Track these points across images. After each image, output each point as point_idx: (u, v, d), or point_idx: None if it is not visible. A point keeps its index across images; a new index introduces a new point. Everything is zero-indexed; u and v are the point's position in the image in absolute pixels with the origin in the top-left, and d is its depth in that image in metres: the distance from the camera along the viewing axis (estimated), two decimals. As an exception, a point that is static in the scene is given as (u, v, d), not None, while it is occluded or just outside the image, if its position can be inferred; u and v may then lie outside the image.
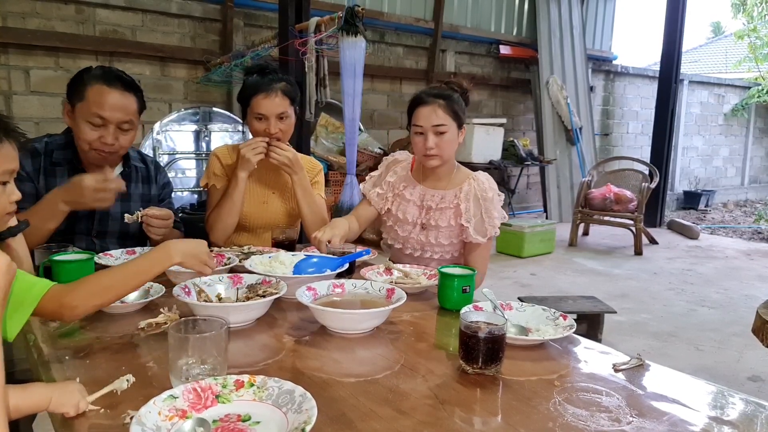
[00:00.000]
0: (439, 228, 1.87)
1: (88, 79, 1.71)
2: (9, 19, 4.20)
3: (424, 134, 1.81)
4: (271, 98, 1.92)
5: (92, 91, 1.70)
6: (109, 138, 1.72)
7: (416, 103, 1.84)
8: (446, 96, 1.82)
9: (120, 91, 1.72)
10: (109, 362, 1.06)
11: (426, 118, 1.80)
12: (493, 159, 6.11)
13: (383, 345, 1.19)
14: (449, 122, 1.80)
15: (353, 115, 3.93)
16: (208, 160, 2.09)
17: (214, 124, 4.99)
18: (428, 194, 1.91)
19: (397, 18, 6.27)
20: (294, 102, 2.00)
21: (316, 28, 3.71)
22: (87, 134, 1.72)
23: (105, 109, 1.69)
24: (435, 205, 1.89)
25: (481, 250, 1.88)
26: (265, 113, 1.93)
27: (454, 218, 1.86)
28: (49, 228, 1.64)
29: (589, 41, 8.10)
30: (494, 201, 1.85)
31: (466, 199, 1.86)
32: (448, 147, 1.82)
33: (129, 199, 1.92)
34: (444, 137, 1.80)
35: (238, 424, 0.83)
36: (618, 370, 1.08)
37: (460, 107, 1.84)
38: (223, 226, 1.96)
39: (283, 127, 1.97)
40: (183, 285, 1.32)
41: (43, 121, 4.39)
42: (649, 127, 7.76)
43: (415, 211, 1.91)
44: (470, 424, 0.88)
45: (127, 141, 1.79)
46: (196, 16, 4.98)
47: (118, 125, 1.73)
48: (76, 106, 1.72)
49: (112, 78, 1.72)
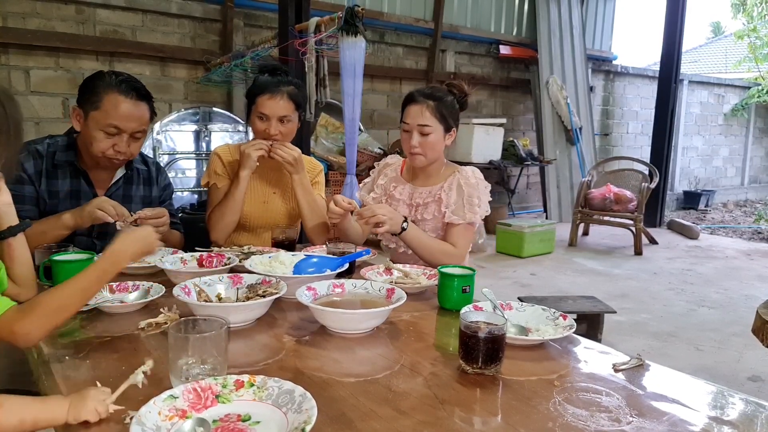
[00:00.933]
0: (425, 221, 1.91)
1: (103, 87, 1.71)
2: (9, 19, 4.20)
3: (410, 132, 1.86)
4: (276, 100, 1.92)
5: (108, 101, 1.70)
6: (122, 146, 1.74)
7: (408, 100, 1.90)
8: (438, 98, 1.85)
9: (134, 101, 1.73)
10: (109, 362, 1.06)
11: (413, 116, 1.85)
12: (493, 159, 6.11)
13: (383, 345, 1.19)
14: (435, 124, 1.84)
15: (353, 115, 3.93)
16: (209, 159, 2.09)
17: (214, 124, 4.99)
18: (416, 192, 1.96)
19: (397, 18, 6.27)
20: (299, 108, 1.99)
21: (316, 28, 3.71)
22: (101, 143, 1.73)
23: (121, 120, 1.71)
24: (422, 201, 1.94)
25: (459, 229, 1.87)
26: (267, 113, 1.93)
27: (437, 209, 1.89)
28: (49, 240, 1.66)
29: (589, 41, 8.11)
30: (478, 188, 1.88)
31: (449, 189, 1.90)
32: (432, 148, 1.87)
33: (130, 200, 1.92)
34: (428, 138, 1.84)
35: (238, 424, 0.83)
36: (618, 370, 1.08)
37: (450, 111, 1.87)
38: (224, 225, 1.96)
39: (284, 130, 1.96)
40: (183, 285, 1.32)
41: (44, 121, 4.39)
42: (649, 127, 7.76)
43: (405, 209, 1.95)
44: (470, 424, 0.88)
45: (137, 148, 1.82)
46: (196, 16, 4.98)
47: (132, 134, 1.75)
48: (90, 114, 1.72)
49: (129, 88, 1.72)
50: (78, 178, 1.83)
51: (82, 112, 1.74)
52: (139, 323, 1.22)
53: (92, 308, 1.30)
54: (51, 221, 1.68)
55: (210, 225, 2.00)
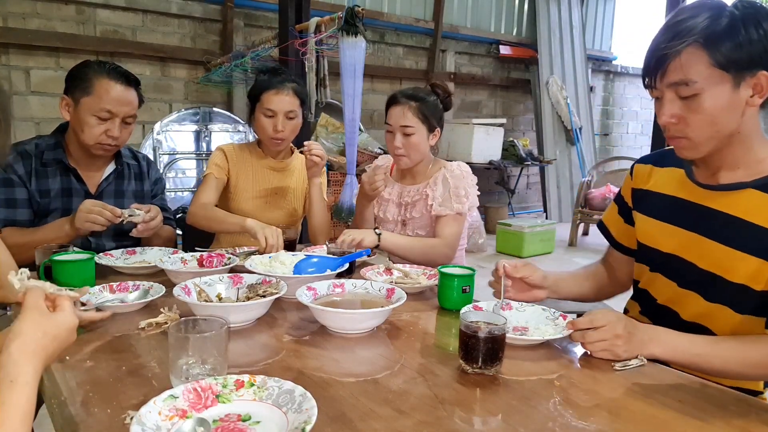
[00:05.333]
0: (414, 220, 1.93)
1: (94, 74, 1.76)
2: (9, 20, 4.20)
3: (393, 133, 1.89)
4: (282, 95, 1.94)
5: (100, 86, 1.74)
6: (115, 131, 1.78)
7: (390, 101, 1.93)
8: (420, 98, 1.87)
9: (125, 86, 1.79)
10: (109, 362, 1.05)
11: (395, 117, 1.88)
12: (492, 159, 6.11)
13: (383, 345, 1.19)
14: (417, 125, 1.86)
15: (353, 115, 3.93)
16: (213, 153, 2.09)
17: (214, 125, 4.99)
18: (405, 191, 1.99)
19: (397, 18, 6.28)
20: (303, 105, 2.03)
21: (316, 28, 3.71)
22: (94, 128, 1.76)
23: (114, 104, 1.75)
24: (411, 199, 1.96)
25: (446, 220, 1.88)
26: (275, 109, 1.94)
27: (425, 206, 1.90)
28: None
29: (589, 41, 8.11)
30: (464, 179, 1.89)
31: (434, 184, 1.92)
32: (415, 149, 1.88)
33: (122, 195, 1.93)
34: (410, 138, 1.86)
35: (238, 424, 0.83)
36: (618, 369, 1.08)
37: (432, 111, 1.88)
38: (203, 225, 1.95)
39: (291, 126, 1.98)
40: (183, 285, 1.32)
41: (44, 121, 4.39)
42: (649, 127, 7.76)
43: (395, 209, 1.98)
44: (470, 424, 0.88)
45: (128, 135, 1.85)
46: (197, 16, 4.98)
47: (123, 119, 1.79)
48: (81, 100, 1.75)
49: (118, 74, 1.79)
50: (68, 176, 1.84)
51: (72, 101, 1.77)
52: (139, 323, 1.22)
53: (93, 308, 1.30)
54: (52, 230, 1.70)
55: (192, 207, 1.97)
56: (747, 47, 1.03)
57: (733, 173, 1.16)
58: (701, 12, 1.06)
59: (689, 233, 1.21)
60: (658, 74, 1.10)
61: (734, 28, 1.03)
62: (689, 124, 1.10)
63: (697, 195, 1.21)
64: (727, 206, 1.15)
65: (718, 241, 1.15)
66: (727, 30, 1.03)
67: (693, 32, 1.04)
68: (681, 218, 1.24)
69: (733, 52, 1.03)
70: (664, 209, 1.28)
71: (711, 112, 1.07)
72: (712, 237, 1.17)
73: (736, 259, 1.12)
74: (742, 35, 1.03)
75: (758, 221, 1.10)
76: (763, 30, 1.03)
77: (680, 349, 1.09)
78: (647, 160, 1.38)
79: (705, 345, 1.10)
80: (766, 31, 1.04)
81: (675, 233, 1.24)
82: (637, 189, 1.37)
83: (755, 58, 1.04)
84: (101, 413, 0.87)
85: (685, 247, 1.22)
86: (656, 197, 1.31)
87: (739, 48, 1.03)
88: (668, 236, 1.25)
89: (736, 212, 1.14)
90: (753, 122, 1.11)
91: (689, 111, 1.09)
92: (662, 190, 1.30)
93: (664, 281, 1.27)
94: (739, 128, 1.10)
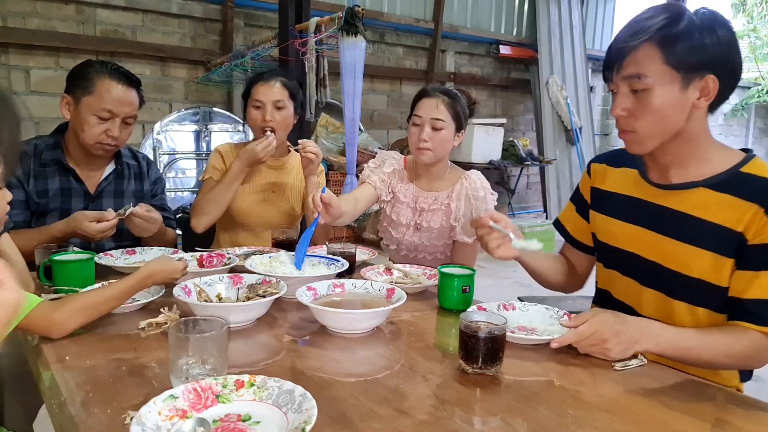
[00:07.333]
0: (431, 230, 1.88)
1: (96, 73, 1.76)
2: (9, 19, 4.21)
3: (421, 126, 1.82)
4: (270, 85, 1.98)
5: (102, 86, 1.75)
6: (115, 131, 1.78)
7: (421, 94, 1.87)
8: (452, 95, 1.84)
9: (126, 87, 1.79)
10: (109, 362, 1.05)
11: (427, 109, 1.82)
12: (492, 159, 6.11)
13: (383, 345, 1.19)
14: (448, 120, 1.81)
15: (353, 115, 3.93)
16: (211, 156, 2.09)
17: (214, 124, 4.99)
18: (421, 196, 1.92)
19: (397, 18, 6.27)
20: (294, 98, 2.02)
21: (316, 28, 3.72)
22: (94, 128, 1.76)
23: (115, 104, 1.76)
24: (428, 206, 1.90)
25: (468, 249, 1.88)
26: (262, 99, 1.96)
27: (445, 218, 1.87)
28: None
29: (589, 41, 8.10)
30: (486, 200, 1.86)
31: (457, 198, 1.87)
32: (442, 144, 1.83)
33: (122, 195, 1.93)
34: (440, 133, 1.81)
35: (238, 424, 0.83)
36: (619, 369, 1.08)
37: (463, 111, 1.86)
38: (207, 211, 1.94)
39: (279, 117, 1.97)
40: (183, 285, 1.32)
41: (44, 121, 4.38)
42: (649, 127, 7.75)
43: (409, 213, 1.92)
44: (470, 424, 0.88)
45: (127, 135, 1.85)
46: (197, 16, 4.99)
47: (123, 119, 1.79)
48: (82, 99, 1.75)
49: (120, 74, 1.79)
50: (67, 176, 1.84)
51: (73, 100, 1.78)
52: (139, 323, 1.22)
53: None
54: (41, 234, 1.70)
55: (194, 211, 1.98)
56: (699, 51, 1.08)
57: (684, 172, 1.20)
58: (662, 13, 1.11)
59: (646, 231, 1.25)
60: (615, 68, 1.16)
61: (690, 32, 1.09)
62: (638, 117, 1.15)
63: (652, 194, 1.25)
64: (681, 204, 1.19)
65: (674, 238, 1.19)
66: (684, 33, 1.09)
67: (651, 30, 1.10)
68: (638, 217, 1.27)
69: (686, 54, 1.08)
70: (621, 208, 1.31)
71: (659, 108, 1.12)
72: (668, 234, 1.21)
73: (693, 255, 1.16)
74: (696, 39, 1.08)
75: (711, 218, 1.15)
76: (717, 37, 1.09)
77: (673, 343, 1.10)
78: (601, 160, 1.42)
79: (694, 338, 1.12)
80: (720, 39, 1.09)
81: (634, 232, 1.27)
82: (595, 188, 1.40)
83: (705, 62, 1.09)
84: (101, 413, 0.87)
85: (644, 245, 1.25)
86: (613, 197, 1.34)
87: (691, 51, 1.08)
88: (627, 235, 1.29)
89: (689, 210, 1.18)
90: (700, 123, 1.16)
91: (639, 105, 1.14)
92: (618, 189, 1.34)
93: (624, 279, 1.31)
94: (685, 127, 1.15)
